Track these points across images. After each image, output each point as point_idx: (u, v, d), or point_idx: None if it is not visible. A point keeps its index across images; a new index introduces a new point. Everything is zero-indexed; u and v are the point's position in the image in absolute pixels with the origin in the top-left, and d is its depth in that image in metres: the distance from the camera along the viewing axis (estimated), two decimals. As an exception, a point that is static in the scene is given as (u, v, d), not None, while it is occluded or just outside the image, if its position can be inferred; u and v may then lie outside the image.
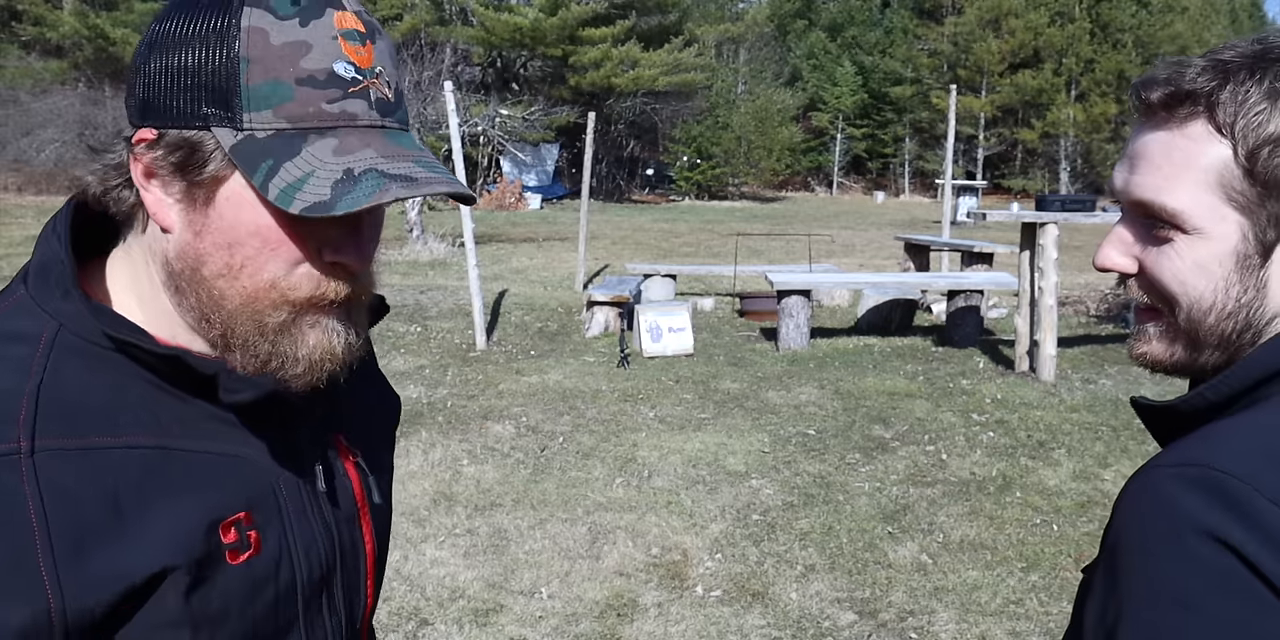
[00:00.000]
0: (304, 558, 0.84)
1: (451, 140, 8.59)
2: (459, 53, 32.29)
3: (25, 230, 16.91)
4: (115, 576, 0.70)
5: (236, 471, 0.80)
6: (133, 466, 0.74)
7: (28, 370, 0.73)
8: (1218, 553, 0.63)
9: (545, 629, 3.51)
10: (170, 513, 0.74)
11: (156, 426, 0.76)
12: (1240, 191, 0.73)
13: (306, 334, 0.79)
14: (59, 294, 0.77)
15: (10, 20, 29.51)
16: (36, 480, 0.69)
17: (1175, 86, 0.75)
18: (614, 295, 8.93)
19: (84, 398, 0.74)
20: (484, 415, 6.22)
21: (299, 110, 0.73)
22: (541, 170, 33.86)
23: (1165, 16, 44.85)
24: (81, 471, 0.71)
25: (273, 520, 0.82)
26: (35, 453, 0.69)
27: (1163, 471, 0.68)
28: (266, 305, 0.77)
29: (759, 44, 46.81)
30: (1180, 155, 0.75)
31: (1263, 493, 0.63)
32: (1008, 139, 45.53)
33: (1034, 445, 5.64)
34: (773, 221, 25.83)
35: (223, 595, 0.77)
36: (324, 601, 0.88)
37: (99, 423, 0.73)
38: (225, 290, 0.77)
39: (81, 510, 0.70)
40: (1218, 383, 0.73)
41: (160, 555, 0.73)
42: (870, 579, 3.91)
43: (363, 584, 0.94)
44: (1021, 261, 7.56)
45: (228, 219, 0.75)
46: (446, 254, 14.58)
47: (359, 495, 0.93)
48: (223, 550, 0.77)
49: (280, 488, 0.83)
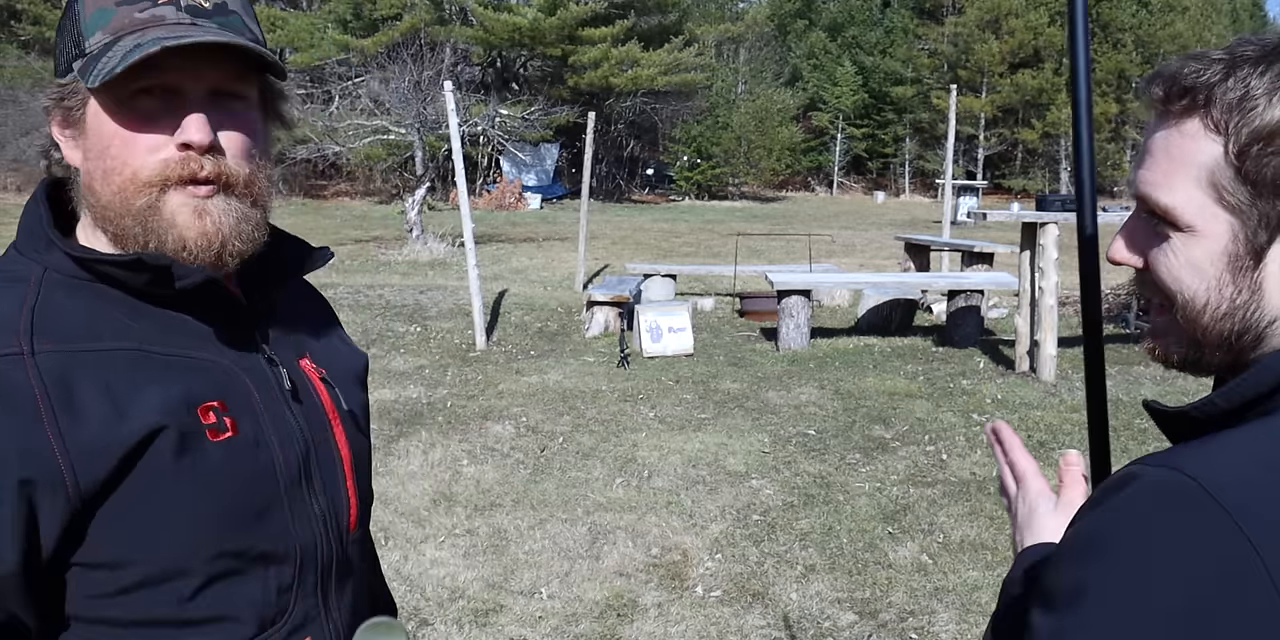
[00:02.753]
0: (279, 446, 0.96)
1: (451, 140, 8.59)
2: (459, 52, 32.26)
3: (25, 230, 16.91)
4: (115, 437, 0.85)
5: (209, 371, 0.94)
6: (119, 362, 0.89)
7: (23, 298, 0.89)
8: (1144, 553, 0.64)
9: (545, 629, 3.50)
10: (156, 391, 0.89)
11: (135, 335, 0.91)
12: (1231, 191, 0.72)
13: (173, 212, 0.91)
14: (43, 245, 0.94)
15: (9, 19, 29.51)
16: (40, 374, 0.84)
17: (1174, 82, 0.74)
18: (614, 295, 8.92)
19: (71, 317, 0.90)
20: (484, 415, 6.21)
21: (118, 23, 0.89)
22: (541, 170, 33.85)
23: (1166, 16, 44.84)
24: (75, 367, 0.86)
25: (246, 411, 0.95)
26: (35, 354, 0.85)
27: (1140, 468, 0.68)
28: (130, 192, 0.91)
29: (759, 44, 46.76)
30: (1177, 151, 0.74)
31: (1223, 505, 0.63)
32: (1008, 139, 45.51)
33: (1034, 445, 5.64)
34: (773, 221, 25.82)
35: (207, 466, 0.90)
36: (305, 490, 0.99)
37: (85, 334, 0.89)
38: (102, 193, 0.92)
39: (79, 394, 0.85)
40: (1228, 390, 0.72)
41: (150, 418, 0.87)
42: (870, 579, 3.90)
43: (342, 484, 1.04)
44: (1022, 261, 7.56)
45: (94, 130, 0.91)
46: (446, 254, 14.58)
47: (327, 402, 1.05)
48: (203, 428, 0.90)
49: (251, 387, 0.96)
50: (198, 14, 0.91)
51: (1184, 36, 42.79)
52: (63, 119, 0.93)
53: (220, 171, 0.92)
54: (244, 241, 0.95)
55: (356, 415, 1.09)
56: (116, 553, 0.87)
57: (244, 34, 0.93)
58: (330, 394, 1.05)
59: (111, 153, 0.90)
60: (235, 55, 0.91)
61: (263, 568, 0.94)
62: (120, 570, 0.87)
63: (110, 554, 0.87)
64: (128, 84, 0.88)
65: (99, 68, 0.87)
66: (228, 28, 0.92)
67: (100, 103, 0.90)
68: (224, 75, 0.92)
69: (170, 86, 0.90)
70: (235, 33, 0.92)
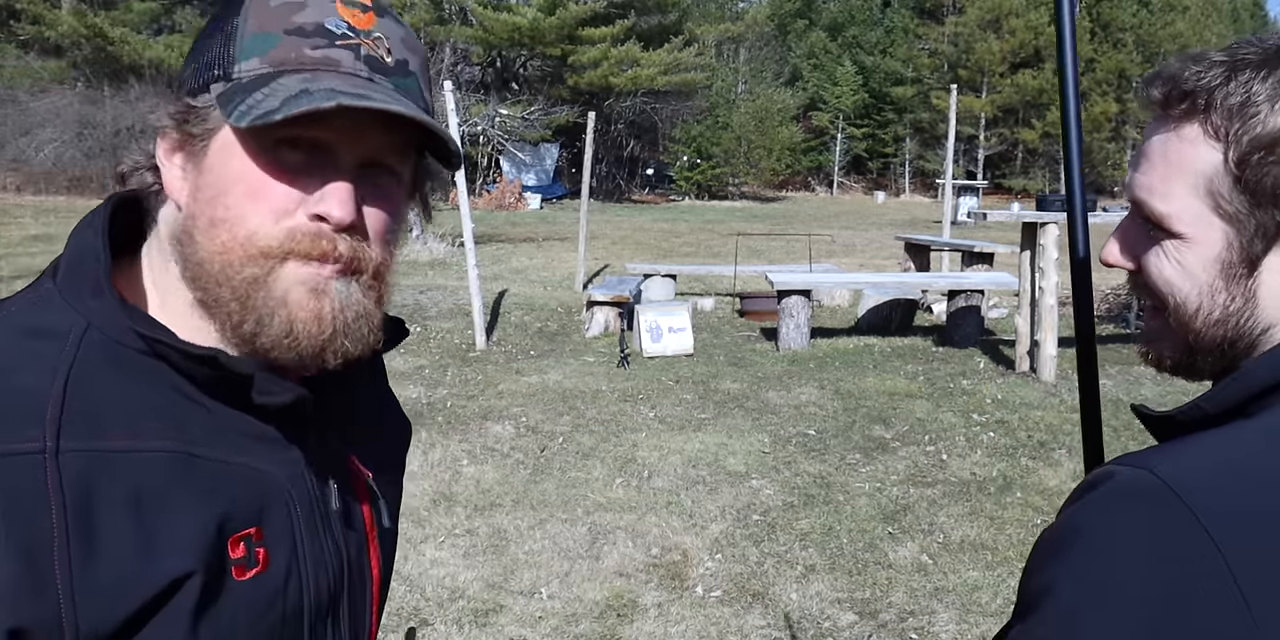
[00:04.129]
0: (313, 578, 0.82)
1: (451, 140, 8.58)
2: (458, 52, 32.28)
3: (24, 230, 16.90)
4: (131, 587, 0.69)
5: (253, 485, 0.79)
6: (157, 469, 0.72)
7: (54, 369, 0.71)
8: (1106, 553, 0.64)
9: (545, 629, 3.50)
10: (188, 519, 0.73)
11: (180, 433, 0.75)
12: (1228, 199, 0.71)
13: (286, 289, 0.76)
14: (89, 291, 0.76)
15: (9, 19, 29.48)
16: (60, 481, 0.67)
17: (1174, 84, 0.73)
18: (614, 295, 8.92)
19: (110, 400, 0.72)
20: (484, 415, 6.21)
21: (281, 54, 0.75)
22: (541, 170, 33.85)
23: (1166, 16, 44.86)
24: (104, 476, 0.69)
25: (283, 537, 0.80)
26: (60, 453, 0.68)
27: (1114, 468, 0.69)
28: (238, 258, 0.75)
29: (759, 44, 46.77)
30: (1175, 157, 0.73)
31: (1187, 503, 0.63)
32: (1008, 139, 45.52)
33: (1034, 445, 5.64)
34: (773, 221, 25.83)
35: (229, 611, 0.75)
36: (329, 624, 0.85)
37: (124, 425, 0.72)
38: (204, 245, 0.75)
39: (102, 517, 0.68)
40: (1213, 394, 0.72)
41: (177, 562, 0.71)
42: (870, 579, 3.90)
43: (368, 608, 0.92)
44: (1022, 261, 7.56)
45: (216, 170, 0.75)
46: (446, 254, 14.57)
47: (368, 518, 0.91)
48: (230, 565, 0.75)
49: (295, 505, 0.82)
50: (376, 69, 0.77)
51: (1184, 36, 42.80)
52: (177, 143, 0.78)
53: (355, 255, 0.77)
54: (355, 342, 0.80)
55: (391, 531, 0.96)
56: None
57: (419, 102, 0.80)
58: (373, 508, 0.92)
59: (228, 202, 0.75)
60: (408, 127, 0.77)
61: None
62: None
63: None
64: (276, 128, 0.72)
65: (251, 104, 0.72)
66: (403, 92, 0.79)
67: (236, 139, 0.75)
68: (386, 146, 0.78)
69: (323, 143, 0.76)
70: (411, 99, 0.78)
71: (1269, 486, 0.63)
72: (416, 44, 0.82)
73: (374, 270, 0.80)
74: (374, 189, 0.79)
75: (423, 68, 0.83)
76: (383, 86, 0.77)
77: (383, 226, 0.80)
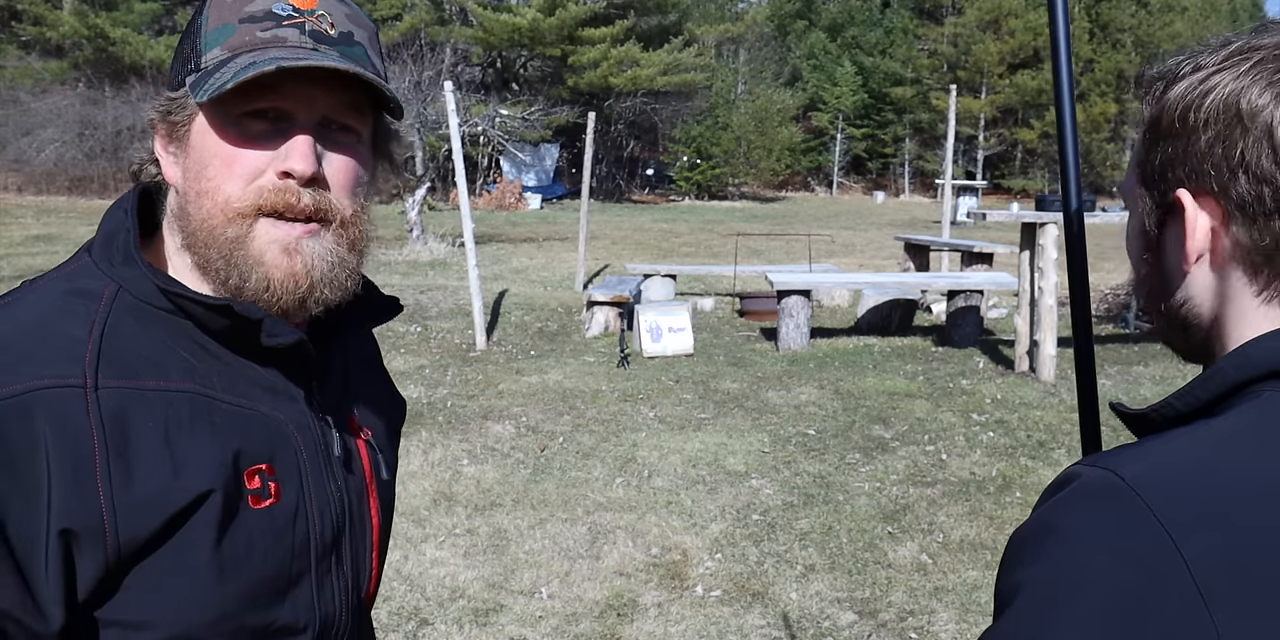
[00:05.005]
0: (318, 515, 0.91)
1: (451, 140, 8.59)
2: (459, 53, 32.29)
3: (25, 230, 16.90)
4: (161, 501, 0.80)
5: (264, 427, 0.88)
6: (182, 406, 0.83)
7: (91, 322, 0.83)
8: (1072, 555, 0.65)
9: (545, 629, 3.51)
10: (210, 448, 0.83)
11: (200, 379, 0.86)
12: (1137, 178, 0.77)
13: (261, 249, 0.86)
14: (120, 259, 0.88)
15: (10, 20, 29.51)
16: (100, 412, 0.78)
17: (1140, 76, 0.78)
18: (614, 295, 8.93)
19: (138, 349, 0.84)
20: (484, 415, 6.22)
21: (238, 40, 0.86)
22: (541, 170, 33.85)
23: (1165, 16, 44.85)
24: (137, 408, 0.81)
25: (292, 476, 0.89)
26: (99, 388, 0.79)
27: (1078, 469, 0.70)
28: (219, 221, 0.86)
29: (759, 44, 46.77)
30: (1136, 141, 0.79)
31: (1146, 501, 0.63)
32: (1007, 139, 45.53)
33: (1034, 445, 5.64)
34: (773, 221, 25.83)
35: (245, 536, 0.85)
36: (333, 561, 0.93)
37: (151, 369, 0.84)
38: (197, 219, 0.87)
39: (136, 441, 0.80)
40: (1184, 393, 0.73)
41: (201, 480, 0.82)
42: (870, 579, 3.91)
43: (368, 555, 1.00)
44: (1021, 261, 7.56)
45: (197, 148, 0.87)
46: (446, 254, 14.58)
47: (368, 468, 1.00)
48: (246, 493, 0.85)
49: (301, 449, 0.91)
50: (320, 40, 0.87)
51: (1183, 36, 42.75)
52: (167, 134, 0.89)
53: (319, 206, 0.87)
54: (334, 290, 0.89)
55: (390, 484, 1.05)
56: (135, 613, 0.82)
57: (366, 67, 0.88)
58: (372, 460, 1.01)
59: (208, 174, 0.86)
60: (353, 85, 0.87)
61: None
62: (135, 632, 0.82)
63: (129, 614, 0.82)
64: (239, 104, 0.84)
65: (210, 83, 0.83)
66: (349, 58, 0.88)
67: (207, 120, 0.86)
68: (338, 104, 0.88)
69: (282, 111, 0.86)
70: (357, 64, 0.87)
71: (1232, 486, 0.64)
72: (362, 19, 0.92)
73: (344, 220, 0.89)
74: (334, 146, 0.89)
75: (371, 39, 0.92)
76: (327, 54, 0.86)
77: (347, 179, 0.90)
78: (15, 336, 0.81)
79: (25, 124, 26.36)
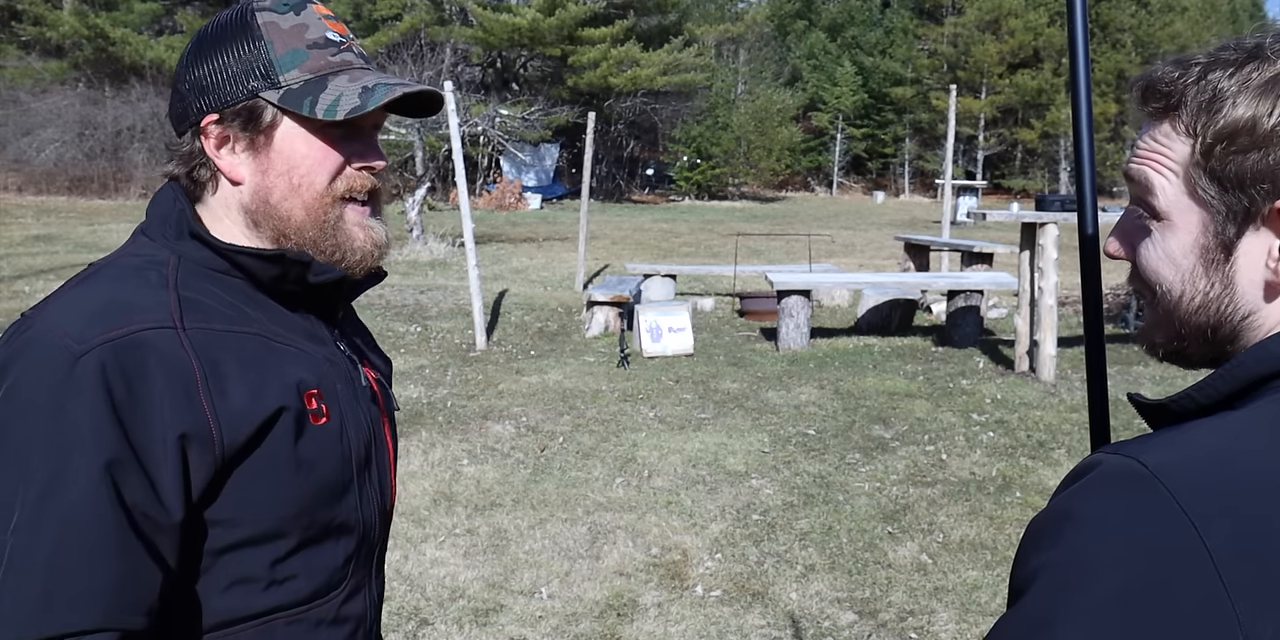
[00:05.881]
0: (355, 436, 1.11)
1: (451, 140, 8.59)
2: (459, 53, 32.26)
3: (25, 230, 16.89)
4: (252, 410, 0.99)
5: (311, 361, 1.09)
6: (251, 344, 1.03)
7: (165, 280, 1.02)
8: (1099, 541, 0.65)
9: (545, 629, 3.51)
10: (279, 375, 1.03)
11: (255, 324, 1.06)
12: (1201, 187, 0.75)
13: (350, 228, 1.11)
14: (174, 234, 1.07)
15: (10, 20, 29.48)
16: (192, 346, 0.97)
17: (1150, 85, 0.78)
18: (614, 295, 8.93)
19: (207, 300, 1.03)
20: (484, 415, 6.22)
21: (315, 64, 1.07)
22: (541, 170, 33.83)
23: (1165, 16, 44.83)
24: (219, 343, 1.00)
25: (335, 401, 1.09)
26: (187, 329, 0.98)
27: (1101, 457, 0.70)
28: (322, 207, 1.08)
29: (759, 44, 46.75)
30: (1157, 147, 0.78)
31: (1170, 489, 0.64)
32: (1007, 139, 45.51)
33: (1034, 445, 5.65)
34: (773, 221, 25.83)
35: (312, 445, 1.04)
36: (367, 476, 1.14)
37: (221, 317, 1.03)
38: (293, 208, 1.08)
39: (224, 368, 0.99)
40: (1204, 385, 0.74)
41: (277, 398, 1.01)
42: (870, 579, 3.91)
43: (388, 472, 1.20)
44: (1021, 261, 7.56)
45: (284, 151, 1.07)
46: (446, 254, 14.57)
47: (381, 402, 1.20)
48: (308, 412, 1.05)
49: (336, 380, 1.11)
50: (366, 61, 1.11)
51: (1183, 36, 42.78)
52: (229, 138, 1.07)
53: (375, 187, 1.13)
54: (387, 248, 1.15)
55: (394, 418, 1.25)
56: (234, 511, 0.99)
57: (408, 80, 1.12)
58: (385, 394, 1.22)
59: (300, 171, 1.07)
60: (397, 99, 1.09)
61: (336, 538, 1.09)
62: (232, 528, 1.00)
63: (228, 512, 0.99)
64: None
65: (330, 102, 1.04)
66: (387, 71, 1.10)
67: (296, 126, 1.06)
68: (381, 114, 1.10)
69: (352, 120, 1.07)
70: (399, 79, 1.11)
71: (1253, 476, 0.65)
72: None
73: (380, 196, 1.15)
74: (377, 142, 1.14)
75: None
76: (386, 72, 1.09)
77: (382, 165, 1.14)
78: (114, 296, 0.99)
79: (25, 124, 26.34)
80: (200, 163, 1.09)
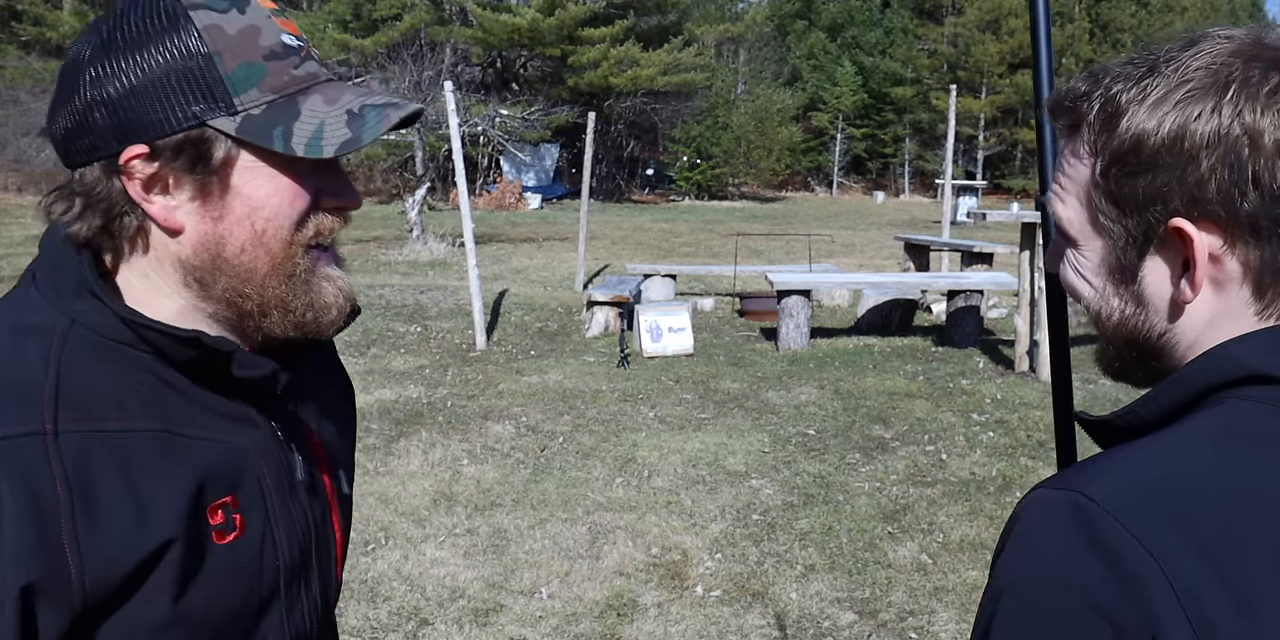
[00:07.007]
0: (285, 541, 0.91)
1: (451, 140, 8.59)
2: (458, 53, 32.27)
3: (25, 230, 16.91)
4: (128, 549, 0.77)
5: (227, 457, 0.86)
6: (144, 446, 0.80)
7: (45, 361, 0.79)
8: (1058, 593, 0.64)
9: (545, 629, 3.51)
10: (172, 487, 0.81)
11: (160, 413, 0.83)
12: (1102, 211, 0.74)
13: (323, 284, 0.89)
14: (71, 291, 0.82)
15: (10, 20, 29.49)
16: (61, 459, 0.75)
17: (1058, 103, 0.77)
18: (614, 295, 8.93)
19: (97, 386, 0.80)
20: (484, 415, 6.22)
21: (277, 80, 0.82)
22: (541, 170, 33.84)
23: (1165, 16, 44.83)
24: (99, 452, 0.77)
25: (256, 505, 0.88)
26: (59, 434, 0.76)
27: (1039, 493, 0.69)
28: (289, 257, 0.86)
29: (759, 44, 46.75)
30: (1066, 167, 0.76)
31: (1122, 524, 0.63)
32: (1007, 139, 45.50)
33: (1034, 445, 5.64)
34: (773, 221, 25.83)
35: (213, 571, 0.83)
36: (303, 583, 0.94)
37: (111, 408, 0.80)
38: (255, 260, 0.85)
39: (100, 488, 0.76)
40: (1148, 400, 0.72)
41: (164, 528, 0.79)
42: (870, 579, 3.91)
43: (334, 570, 1.01)
44: (1021, 261, 7.56)
45: (246, 191, 0.83)
46: (446, 254, 14.58)
47: (329, 486, 1.00)
48: (209, 531, 0.83)
49: (265, 475, 0.89)
50: (325, 66, 0.89)
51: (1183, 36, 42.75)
52: (167, 177, 0.82)
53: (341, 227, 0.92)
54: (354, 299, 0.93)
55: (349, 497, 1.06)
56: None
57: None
58: (333, 478, 1.01)
59: (265, 214, 0.83)
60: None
61: None
62: None
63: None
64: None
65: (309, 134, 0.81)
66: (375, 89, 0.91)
67: (256, 163, 0.82)
68: None
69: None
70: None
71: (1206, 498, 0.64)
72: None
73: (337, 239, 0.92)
74: (346, 175, 0.91)
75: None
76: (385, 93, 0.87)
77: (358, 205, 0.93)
78: None
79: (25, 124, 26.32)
80: (123, 211, 0.82)
